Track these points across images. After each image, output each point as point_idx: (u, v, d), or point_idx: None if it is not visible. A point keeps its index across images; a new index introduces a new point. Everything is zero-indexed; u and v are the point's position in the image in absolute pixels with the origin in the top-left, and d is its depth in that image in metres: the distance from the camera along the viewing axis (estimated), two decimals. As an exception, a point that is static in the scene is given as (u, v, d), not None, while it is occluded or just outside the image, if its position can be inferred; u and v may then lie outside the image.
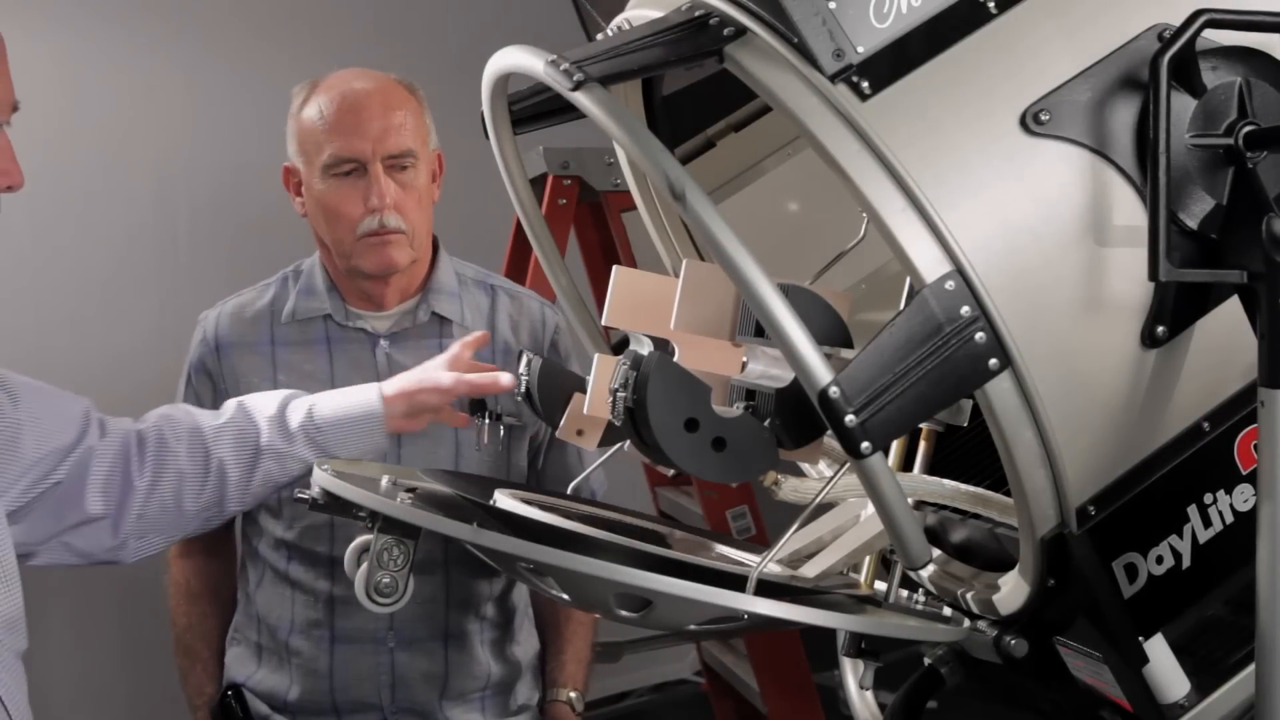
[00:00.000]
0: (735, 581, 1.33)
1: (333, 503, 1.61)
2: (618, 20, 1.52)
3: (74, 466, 1.80)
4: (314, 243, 2.29)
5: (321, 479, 1.60)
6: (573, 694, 2.36)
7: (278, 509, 2.16)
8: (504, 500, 1.63)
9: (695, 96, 1.84)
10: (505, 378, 1.91)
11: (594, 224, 3.63)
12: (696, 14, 1.31)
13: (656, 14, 1.38)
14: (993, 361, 1.18)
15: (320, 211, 2.19)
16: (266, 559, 2.24)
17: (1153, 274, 1.18)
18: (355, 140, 2.14)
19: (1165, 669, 1.31)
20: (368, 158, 2.13)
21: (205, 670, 2.32)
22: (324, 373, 2.21)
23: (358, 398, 2.00)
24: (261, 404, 1.99)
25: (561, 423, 1.69)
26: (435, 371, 2.00)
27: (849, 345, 1.36)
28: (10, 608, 1.60)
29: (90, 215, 3.70)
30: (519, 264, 3.48)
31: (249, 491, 1.96)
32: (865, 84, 1.21)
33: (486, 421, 2.18)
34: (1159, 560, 1.27)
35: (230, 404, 2.01)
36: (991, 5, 1.24)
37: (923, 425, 1.54)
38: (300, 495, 1.66)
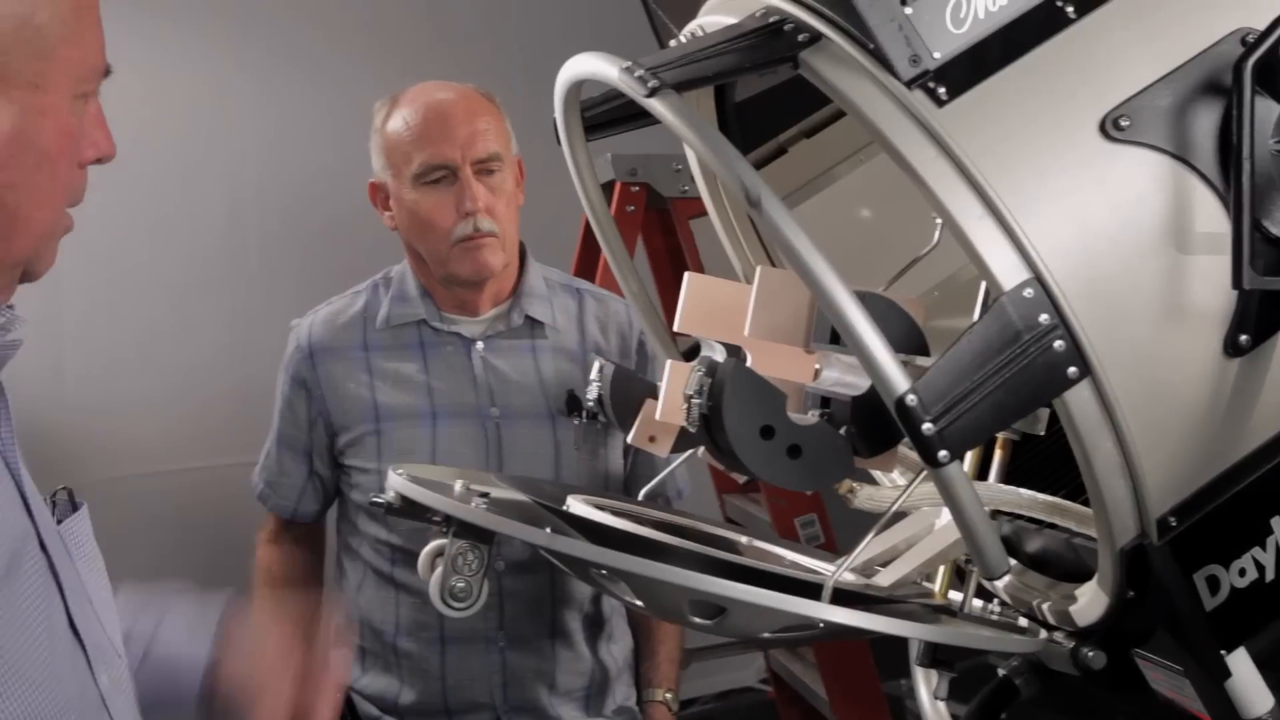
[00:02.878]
0: (809, 589, 1.32)
1: (407, 507, 1.62)
2: (691, 27, 1.52)
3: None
4: (403, 252, 2.34)
5: (396, 483, 1.61)
6: (668, 694, 2.39)
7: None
8: (577, 506, 1.63)
9: (767, 103, 1.83)
10: None
11: (661, 230, 3.63)
12: (771, 20, 1.30)
13: (730, 20, 1.38)
14: (1071, 370, 1.17)
15: (413, 221, 2.23)
16: (369, 562, 2.26)
17: (1236, 281, 1.16)
18: (444, 147, 2.19)
19: (1248, 683, 1.29)
20: (457, 163, 2.18)
21: None
22: (420, 376, 2.24)
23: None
24: None
25: (633, 429, 1.69)
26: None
27: (925, 353, 1.35)
28: None
29: (163, 225, 3.74)
30: (586, 270, 3.49)
31: None
32: (942, 90, 1.20)
33: (583, 421, 2.20)
34: (1242, 573, 1.25)
35: None
36: (1070, 10, 1.23)
37: (999, 434, 1.53)
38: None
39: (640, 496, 1.92)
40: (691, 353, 1.67)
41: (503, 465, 2.22)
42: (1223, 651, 1.27)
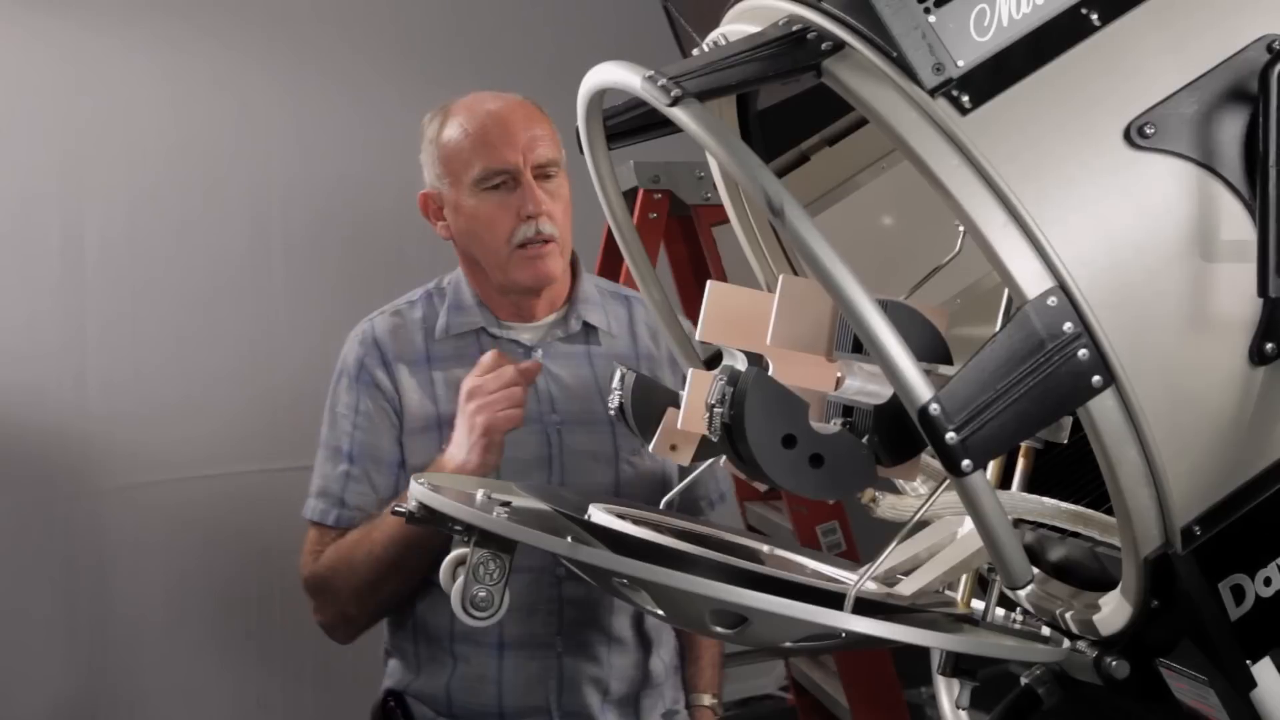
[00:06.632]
0: (831, 599, 1.32)
1: (429, 516, 1.62)
2: (713, 35, 1.52)
3: None
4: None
5: (418, 493, 1.61)
6: (714, 699, 2.41)
7: None
8: (598, 515, 1.63)
9: (789, 111, 1.83)
10: None
11: (684, 238, 3.64)
12: (794, 29, 1.30)
13: (752, 29, 1.38)
14: (1096, 379, 1.17)
15: (472, 227, 2.25)
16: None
17: (1262, 289, 1.16)
18: (505, 152, 2.21)
19: (1273, 693, 1.27)
20: (519, 167, 2.21)
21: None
22: None
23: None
24: None
25: (655, 438, 1.69)
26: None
27: (948, 361, 1.35)
28: None
29: (188, 234, 3.75)
30: (609, 277, 3.48)
31: None
32: (965, 98, 1.20)
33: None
34: (1267, 582, 1.24)
35: None
36: (1095, 18, 1.22)
37: (1022, 442, 1.52)
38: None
39: (661, 504, 1.92)
40: (713, 361, 1.67)
41: (564, 471, 2.24)
42: (1248, 661, 1.26)
